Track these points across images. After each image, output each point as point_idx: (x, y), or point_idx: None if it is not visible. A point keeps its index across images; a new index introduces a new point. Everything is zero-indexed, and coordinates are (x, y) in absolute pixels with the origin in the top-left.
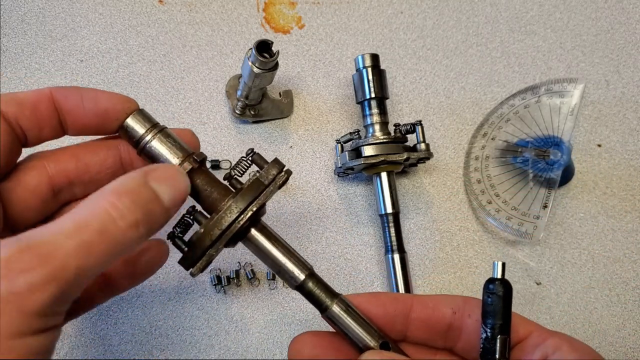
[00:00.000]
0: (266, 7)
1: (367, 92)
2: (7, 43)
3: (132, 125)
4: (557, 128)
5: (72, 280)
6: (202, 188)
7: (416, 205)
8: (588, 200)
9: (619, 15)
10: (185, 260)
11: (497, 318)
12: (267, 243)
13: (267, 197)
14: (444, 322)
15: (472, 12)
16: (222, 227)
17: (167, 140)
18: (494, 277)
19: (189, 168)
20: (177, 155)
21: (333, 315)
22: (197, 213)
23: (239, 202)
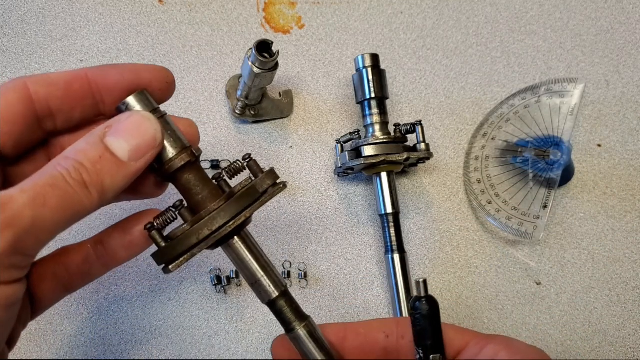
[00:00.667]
0: (266, 7)
1: (367, 92)
2: (7, 43)
3: (132, 105)
4: (557, 128)
5: (28, 229)
6: (193, 185)
7: (416, 205)
8: (588, 200)
9: (619, 15)
10: (163, 256)
11: (427, 337)
12: (247, 253)
13: (260, 206)
14: (378, 347)
15: (472, 12)
16: (212, 228)
17: (165, 128)
18: (418, 296)
19: (185, 160)
20: (173, 146)
21: (297, 337)
22: (184, 209)
23: (232, 206)
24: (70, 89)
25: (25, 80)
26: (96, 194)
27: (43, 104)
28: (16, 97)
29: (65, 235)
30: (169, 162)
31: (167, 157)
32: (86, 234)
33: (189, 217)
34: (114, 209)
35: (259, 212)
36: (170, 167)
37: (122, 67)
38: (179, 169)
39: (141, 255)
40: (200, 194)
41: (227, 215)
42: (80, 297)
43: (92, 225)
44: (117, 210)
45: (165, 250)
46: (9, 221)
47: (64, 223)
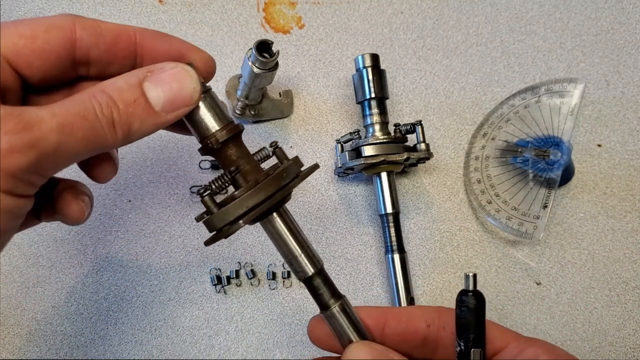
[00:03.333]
0: (266, 7)
1: (367, 92)
2: None
3: None
4: (557, 128)
5: (50, 153)
6: (235, 158)
7: (416, 205)
8: (588, 200)
9: (619, 15)
10: (215, 222)
11: (470, 331)
12: (285, 230)
13: (299, 182)
14: (418, 336)
15: (472, 12)
16: (258, 200)
17: (212, 104)
18: (466, 289)
19: (229, 134)
20: (218, 122)
21: (332, 315)
22: (239, 175)
23: (275, 180)
24: (115, 44)
25: (75, 21)
26: (121, 135)
27: (84, 50)
28: (59, 37)
29: (65, 235)
30: (214, 135)
31: (211, 130)
32: (86, 234)
33: (244, 184)
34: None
35: None
36: (216, 139)
37: (171, 40)
38: (224, 142)
39: (141, 255)
40: (243, 167)
41: (272, 188)
42: (80, 297)
43: (101, 239)
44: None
45: (219, 216)
46: (34, 142)
47: (84, 154)
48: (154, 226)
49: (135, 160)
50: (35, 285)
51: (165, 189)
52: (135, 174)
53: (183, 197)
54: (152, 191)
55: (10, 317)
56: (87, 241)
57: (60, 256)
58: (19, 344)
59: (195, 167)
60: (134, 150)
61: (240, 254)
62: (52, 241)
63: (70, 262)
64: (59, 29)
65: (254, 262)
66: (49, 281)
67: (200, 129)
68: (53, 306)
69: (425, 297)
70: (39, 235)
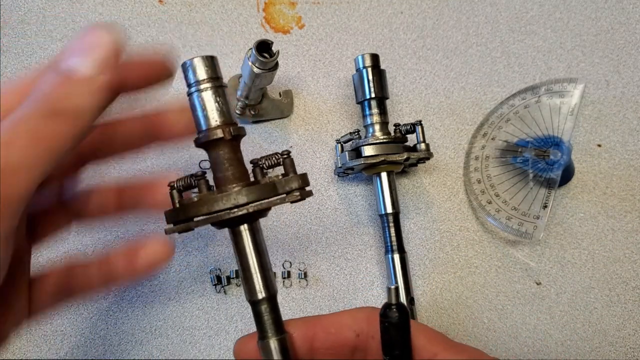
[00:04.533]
0: (266, 7)
1: (367, 92)
2: (7, 43)
3: (195, 64)
4: (557, 128)
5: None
6: (221, 160)
7: (416, 205)
8: (588, 200)
9: (619, 15)
10: (171, 216)
11: (395, 347)
12: (248, 245)
13: (271, 205)
14: (347, 347)
15: (472, 12)
16: (210, 210)
17: (219, 98)
18: (388, 303)
19: (219, 135)
20: (215, 117)
21: (266, 348)
22: (202, 181)
23: (242, 194)
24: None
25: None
26: (71, 119)
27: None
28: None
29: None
30: (204, 132)
31: (204, 126)
32: (86, 234)
33: (204, 190)
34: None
35: None
36: (203, 136)
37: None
38: (211, 141)
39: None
40: (224, 173)
41: (232, 202)
42: None
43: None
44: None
45: (173, 212)
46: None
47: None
48: (154, 226)
49: (135, 159)
50: None
51: None
52: (135, 174)
53: None
54: None
55: None
56: (87, 241)
57: (60, 256)
58: (18, 344)
59: (195, 167)
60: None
61: None
62: (52, 241)
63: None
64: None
65: None
66: None
67: (206, 118)
68: None
69: (425, 297)
70: None
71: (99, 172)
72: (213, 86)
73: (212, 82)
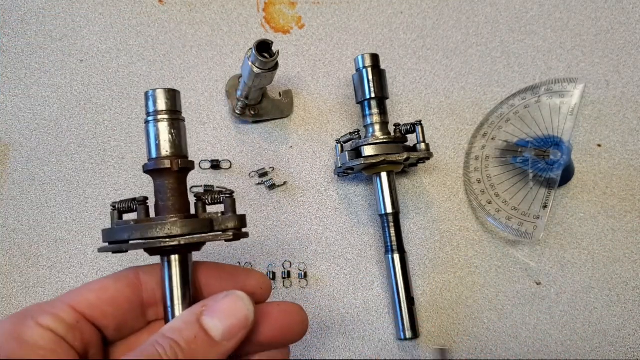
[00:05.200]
0: (266, 7)
1: (367, 92)
2: (7, 43)
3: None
4: (557, 128)
5: None
6: (164, 189)
7: (416, 205)
8: (588, 200)
9: (619, 15)
10: (106, 236)
11: None
12: (176, 276)
13: (203, 240)
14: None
15: (472, 12)
16: (143, 236)
17: (174, 130)
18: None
19: (164, 165)
20: (166, 147)
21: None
22: (143, 206)
23: (177, 226)
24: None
25: (138, 270)
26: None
27: (150, 293)
28: (126, 284)
29: (65, 235)
30: (153, 160)
31: (154, 154)
32: (86, 233)
33: (143, 216)
34: None
35: (259, 212)
36: (151, 164)
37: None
38: (158, 170)
39: (141, 256)
40: (165, 202)
41: (165, 232)
42: None
43: (101, 239)
44: None
45: (109, 231)
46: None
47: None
48: None
49: (135, 160)
50: (35, 285)
51: None
52: (135, 174)
53: None
54: (152, 191)
55: None
56: (87, 241)
57: (60, 256)
58: None
59: (195, 167)
60: (134, 150)
61: (240, 254)
62: (52, 241)
63: (70, 262)
64: (125, 277)
65: (253, 262)
66: (49, 281)
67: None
68: None
69: (425, 297)
70: (39, 235)
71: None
72: (170, 118)
73: (170, 115)
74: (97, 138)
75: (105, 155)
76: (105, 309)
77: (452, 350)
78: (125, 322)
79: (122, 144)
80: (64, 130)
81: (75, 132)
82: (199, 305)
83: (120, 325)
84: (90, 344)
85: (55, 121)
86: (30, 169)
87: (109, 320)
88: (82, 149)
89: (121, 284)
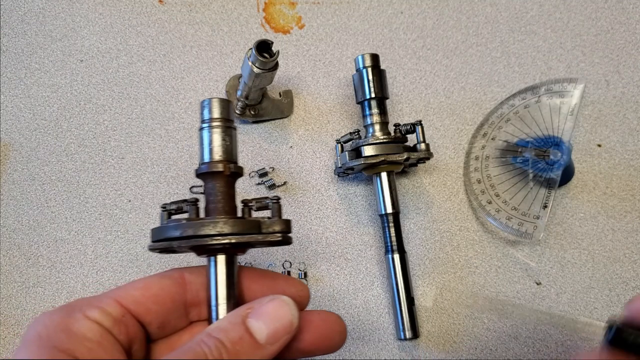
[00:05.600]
0: (266, 7)
1: (367, 92)
2: (7, 43)
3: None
4: (557, 128)
5: None
6: (215, 192)
7: (416, 205)
8: (588, 200)
9: (619, 15)
10: (154, 234)
11: None
12: (221, 276)
13: (252, 241)
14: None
15: (472, 12)
16: (195, 233)
17: (227, 137)
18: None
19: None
20: (218, 152)
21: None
22: (194, 207)
23: (229, 225)
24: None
25: (183, 270)
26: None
27: (194, 293)
28: (171, 283)
29: (65, 235)
30: (206, 163)
31: (207, 159)
32: (86, 233)
33: (193, 215)
34: None
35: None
36: (205, 167)
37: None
38: (210, 173)
39: (141, 255)
40: (215, 203)
41: (216, 231)
42: (80, 297)
43: (101, 239)
44: None
45: (160, 229)
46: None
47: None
48: (154, 226)
49: (135, 160)
50: (35, 285)
51: (165, 189)
52: (135, 174)
53: (183, 198)
54: (152, 191)
55: (10, 317)
56: (87, 241)
57: (60, 256)
58: (19, 344)
59: (195, 167)
60: (134, 150)
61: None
62: (52, 241)
63: (70, 262)
64: (170, 277)
65: (253, 262)
66: (49, 281)
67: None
68: (53, 306)
69: (425, 297)
70: (39, 235)
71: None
72: (224, 126)
73: (224, 122)
74: (97, 138)
75: (105, 155)
76: (149, 305)
77: (452, 350)
78: (168, 321)
79: (122, 144)
80: (64, 130)
81: (75, 132)
82: (244, 307)
83: (163, 323)
84: (134, 339)
85: (55, 121)
86: (30, 169)
87: (152, 317)
88: (82, 149)
89: (166, 282)
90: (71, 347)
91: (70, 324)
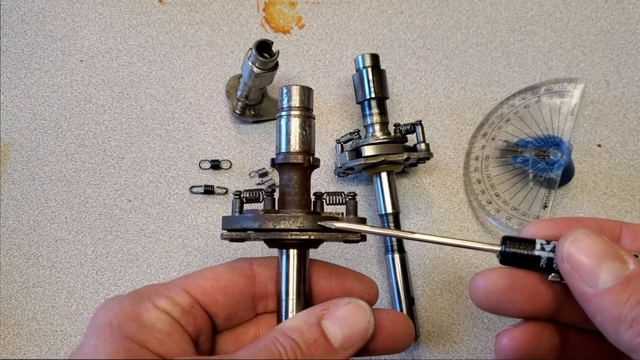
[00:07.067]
0: (266, 7)
1: (367, 92)
2: (7, 43)
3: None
4: (557, 128)
5: None
6: (293, 184)
7: (416, 205)
8: (588, 200)
9: (619, 15)
10: (228, 222)
11: None
12: (293, 271)
13: (331, 239)
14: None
15: (472, 12)
16: (275, 227)
17: (307, 127)
18: None
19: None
20: (297, 143)
21: None
22: (270, 198)
23: (309, 220)
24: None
25: (252, 261)
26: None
27: (262, 285)
28: (240, 275)
29: (65, 235)
30: (284, 153)
31: (284, 149)
32: (86, 233)
33: (270, 207)
34: None
35: None
36: (283, 157)
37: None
38: (289, 164)
39: (141, 255)
40: (292, 195)
41: (296, 225)
42: (80, 297)
43: (101, 239)
44: None
45: (235, 219)
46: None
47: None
48: (154, 226)
49: (135, 160)
50: (35, 285)
51: (165, 189)
52: (135, 174)
53: (183, 197)
54: (152, 191)
55: (10, 317)
56: (87, 241)
57: (60, 256)
58: (19, 344)
59: (195, 167)
60: (134, 150)
61: (240, 254)
62: (52, 241)
63: (70, 262)
64: (239, 268)
65: None
66: (49, 281)
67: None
68: (53, 306)
69: (425, 297)
70: (39, 235)
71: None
72: (303, 115)
73: (303, 112)
74: (97, 138)
75: (105, 155)
76: (218, 297)
77: (452, 350)
78: (236, 312)
79: (122, 144)
80: (64, 130)
81: (75, 132)
82: (319, 307)
83: (230, 315)
84: (202, 330)
85: (55, 121)
86: (30, 169)
87: (220, 309)
88: (82, 149)
89: (235, 274)
90: (142, 337)
91: (140, 313)
